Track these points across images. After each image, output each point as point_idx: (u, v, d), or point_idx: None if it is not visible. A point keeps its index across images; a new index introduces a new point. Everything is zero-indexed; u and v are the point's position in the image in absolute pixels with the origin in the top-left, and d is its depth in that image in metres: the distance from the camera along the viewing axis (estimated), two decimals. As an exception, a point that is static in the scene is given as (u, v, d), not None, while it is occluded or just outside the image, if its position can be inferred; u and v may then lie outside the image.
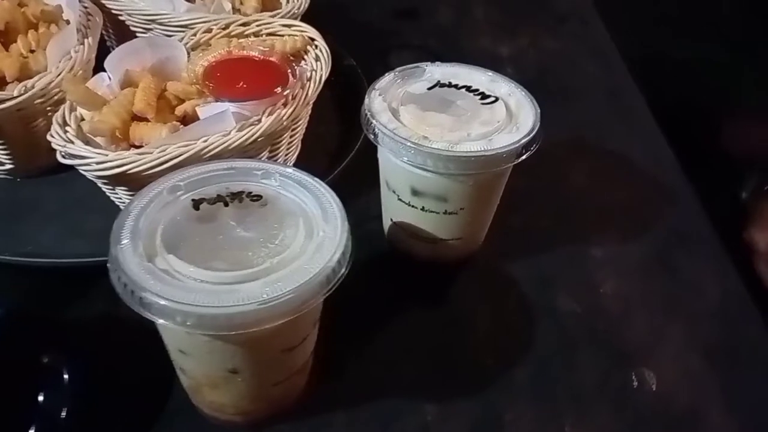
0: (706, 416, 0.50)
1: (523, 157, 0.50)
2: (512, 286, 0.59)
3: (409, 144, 0.48)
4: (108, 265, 0.38)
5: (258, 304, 0.36)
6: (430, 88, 0.54)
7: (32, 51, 0.64)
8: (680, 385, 0.52)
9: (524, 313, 0.57)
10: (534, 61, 0.93)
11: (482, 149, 0.48)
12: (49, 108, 0.62)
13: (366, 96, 0.53)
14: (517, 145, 0.49)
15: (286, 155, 0.66)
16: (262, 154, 0.60)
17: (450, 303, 0.58)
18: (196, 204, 0.41)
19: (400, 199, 0.54)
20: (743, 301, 0.59)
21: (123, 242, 0.38)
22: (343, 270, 0.39)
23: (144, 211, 0.41)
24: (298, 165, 0.69)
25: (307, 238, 0.40)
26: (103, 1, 0.72)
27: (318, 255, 0.39)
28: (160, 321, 0.36)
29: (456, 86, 0.54)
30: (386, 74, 0.55)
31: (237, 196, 0.42)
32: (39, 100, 0.60)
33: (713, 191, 0.75)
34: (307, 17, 0.88)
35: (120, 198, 0.57)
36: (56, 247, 0.58)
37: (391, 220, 0.57)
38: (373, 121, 0.51)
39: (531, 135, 0.50)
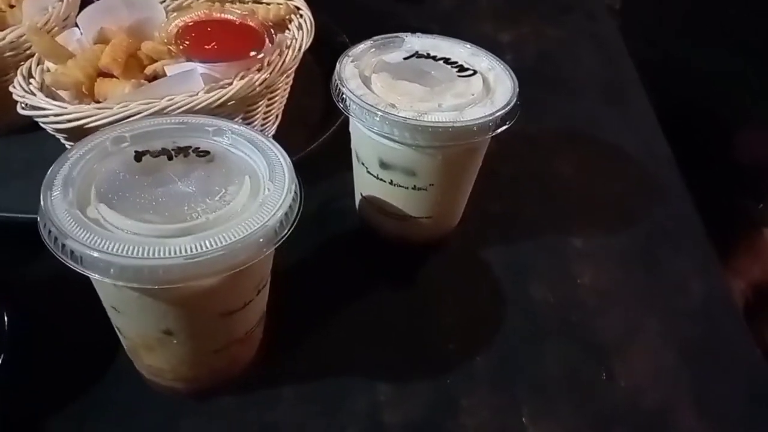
0: (675, 415, 0.47)
1: (496, 131, 0.48)
2: (485, 271, 0.57)
3: (375, 111, 0.46)
4: (38, 214, 0.36)
5: (184, 259, 0.33)
6: (406, 58, 0.52)
7: (12, 6, 0.63)
8: (651, 382, 0.49)
9: (494, 300, 0.54)
10: (534, 50, 0.90)
11: (451, 120, 0.46)
12: (22, 63, 0.60)
13: (338, 62, 0.51)
14: (489, 118, 0.46)
15: (263, 125, 0.64)
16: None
17: (418, 284, 0.55)
18: (139, 156, 0.39)
19: (369, 172, 0.52)
20: (725, 303, 0.56)
21: (54, 189, 0.37)
22: (286, 231, 0.37)
23: (82, 160, 0.39)
24: (276, 136, 0.68)
25: (252, 196, 0.38)
26: (91, -39, 0.71)
27: (259, 214, 0.36)
28: (82, 270, 0.34)
29: (434, 58, 0.52)
30: (362, 42, 0.53)
31: (183, 150, 0.40)
32: (9, 53, 0.58)
33: (708, 193, 0.72)
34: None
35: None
36: (16, 204, 0.56)
37: (361, 194, 0.55)
38: (342, 88, 0.48)
39: (505, 110, 0.47)
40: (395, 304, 0.53)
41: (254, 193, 0.38)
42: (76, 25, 0.59)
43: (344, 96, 0.48)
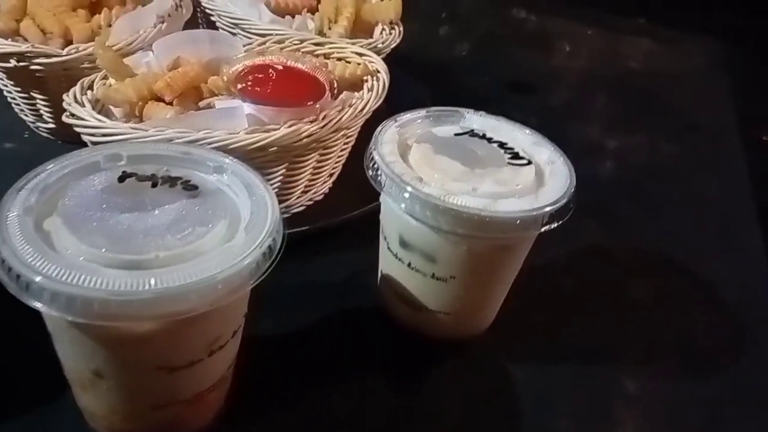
0: None
1: (535, 231, 0.41)
2: (506, 389, 0.49)
3: (398, 182, 0.41)
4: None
5: (107, 294, 0.29)
6: (458, 134, 0.47)
7: (110, 26, 0.65)
8: None
9: (509, 426, 0.46)
10: (641, 162, 0.81)
11: (479, 208, 0.40)
12: (97, 77, 0.61)
13: (380, 125, 0.47)
14: (525, 214, 0.40)
15: (312, 180, 0.60)
16: (277, 172, 0.55)
17: (422, 385, 0.48)
18: (123, 177, 0.37)
19: (389, 248, 0.46)
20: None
21: (22, 192, 0.34)
22: (243, 288, 0.33)
23: (66, 168, 0.37)
24: (327, 196, 0.64)
25: (221, 243, 0.34)
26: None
27: (213, 263, 0.32)
28: (5, 281, 0.31)
29: (489, 139, 0.46)
30: (417, 110, 0.49)
31: (172, 180, 0.37)
32: (86, 65, 0.59)
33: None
34: (412, 68, 0.84)
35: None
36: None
37: (381, 272, 0.50)
38: (374, 152, 0.44)
39: (547, 209, 0.40)
40: (390, 401, 0.47)
41: (225, 239, 0.34)
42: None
43: (373, 159, 0.43)
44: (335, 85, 0.56)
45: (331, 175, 0.63)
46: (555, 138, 0.49)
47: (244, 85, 0.54)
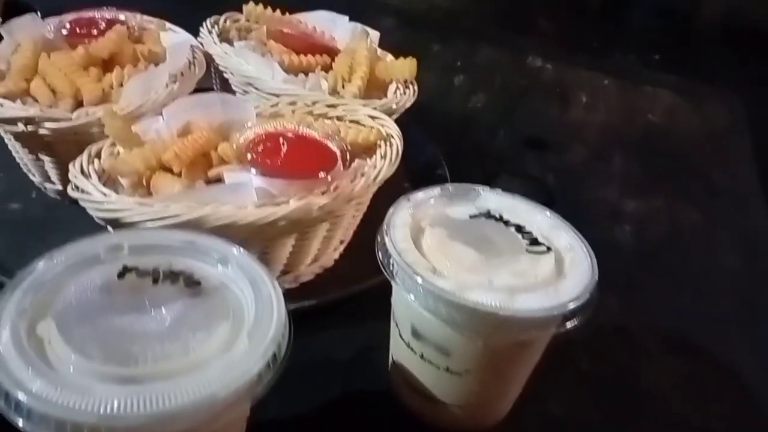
0: None
1: (554, 330, 0.39)
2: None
3: (409, 272, 0.39)
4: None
5: (98, 419, 0.28)
6: (473, 216, 0.45)
7: (122, 85, 0.64)
8: None
9: None
10: (661, 229, 0.78)
11: (496, 305, 0.37)
12: (107, 140, 0.60)
13: (392, 206, 0.45)
14: (546, 313, 0.38)
15: (320, 251, 0.58)
16: (286, 243, 0.54)
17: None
18: (123, 272, 0.35)
19: (401, 336, 0.44)
20: None
21: (18, 289, 0.33)
22: (245, 404, 0.31)
23: (64, 264, 0.35)
24: (338, 263, 0.62)
25: (221, 350, 0.32)
26: (214, 57, 0.72)
27: (210, 378, 0.30)
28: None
29: (506, 222, 0.44)
30: (431, 188, 0.47)
31: (174, 276, 0.35)
32: (96, 129, 0.58)
33: None
34: (426, 121, 0.82)
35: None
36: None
37: (392, 358, 0.47)
38: (385, 237, 0.42)
39: (569, 307, 0.38)
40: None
41: (226, 346, 0.32)
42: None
43: (385, 245, 0.42)
44: (347, 155, 0.55)
45: (341, 242, 0.62)
46: (570, 196, 0.46)
47: (253, 155, 0.53)
